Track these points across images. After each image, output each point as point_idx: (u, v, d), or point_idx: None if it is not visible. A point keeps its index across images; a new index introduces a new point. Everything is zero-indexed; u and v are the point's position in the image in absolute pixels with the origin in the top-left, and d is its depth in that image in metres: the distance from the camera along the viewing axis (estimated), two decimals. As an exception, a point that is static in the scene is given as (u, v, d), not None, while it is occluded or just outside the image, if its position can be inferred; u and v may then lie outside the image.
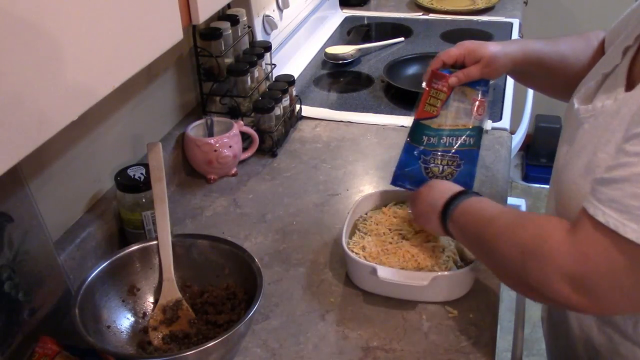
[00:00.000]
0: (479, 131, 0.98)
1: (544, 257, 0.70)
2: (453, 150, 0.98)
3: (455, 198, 0.88)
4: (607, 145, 0.73)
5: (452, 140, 0.98)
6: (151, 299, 0.93)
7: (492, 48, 0.99)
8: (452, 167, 0.98)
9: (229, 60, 1.34)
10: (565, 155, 0.83)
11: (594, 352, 0.86)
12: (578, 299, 0.69)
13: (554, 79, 1.04)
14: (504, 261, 0.76)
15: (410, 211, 1.00)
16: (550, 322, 1.01)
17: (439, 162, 0.99)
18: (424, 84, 1.02)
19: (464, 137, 0.98)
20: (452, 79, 0.98)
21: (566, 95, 1.03)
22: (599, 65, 0.88)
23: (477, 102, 0.98)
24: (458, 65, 1.01)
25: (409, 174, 1.01)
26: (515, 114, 1.54)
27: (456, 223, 0.87)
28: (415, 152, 1.00)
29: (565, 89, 1.01)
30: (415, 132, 1.01)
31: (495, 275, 0.87)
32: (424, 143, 1.00)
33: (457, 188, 0.91)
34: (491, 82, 1.02)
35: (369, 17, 2.11)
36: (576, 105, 0.84)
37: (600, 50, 1.00)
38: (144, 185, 1.01)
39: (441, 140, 0.99)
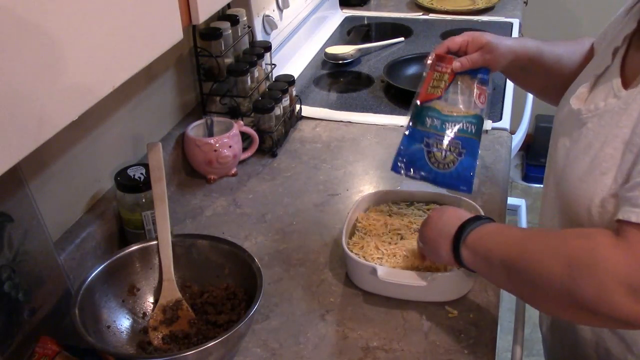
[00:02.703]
0: (479, 120, 0.97)
1: (596, 267, 0.66)
2: (455, 136, 0.96)
3: (469, 223, 0.83)
4: (614, 141, 0.74)
5: (455, 125, 0.96)
6: (151, 299, 0.93)
7: (493, 37, 1.00)
8: (454, 154, 0.96)
9: (229, 60, 1.34)
10: (567, 156, 0.82)
11: (606, 354, 0.85)
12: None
13: (549, 78, 1.05)
14: (546, 281, 0.71)
15: (418, 239, 0.94)
16: (554, 326, 1.00)
17: (442, 147, 0.96)
18: (425, 72, 1.02)
19: (465, 122, 0.96)
20: (456, 64, 0.98)
21: (556, 97, 1.03)
22: (590, 67, 0.91)
23: (478, 91, 0.98)
24: (461, 53, 1.01)
25: (411, 158, 0.97)
26: (515, 114, 1.55)
27: (472, 249, 0.81)
28: (418, 135, 0.97)
29: (557, 90, 1.01)
30: (418, 115, 0.98)
31: (532, 301, 0.78)
32: (428, 125, 0.97)
33: (469, 214, 0.87)
34: (491, 72, 1.02)
35: (369, 17, 2.11)
36: (575, 106, 0.85)
37: (590, 53, 1.01)
38: (144, 185, 1.01)
39: (444, 125, 0.96)
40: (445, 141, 0.95)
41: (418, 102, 1.00)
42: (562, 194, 0.82)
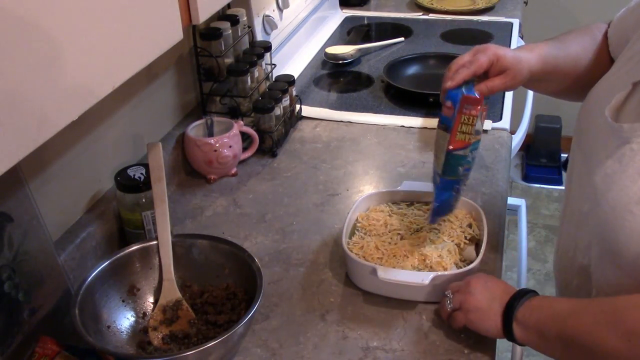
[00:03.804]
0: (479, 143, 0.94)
1: None
2: (470, 166, 0.93)
3: (516, 298, 0.81)
4: None
5: (472, 156, 0.92)
6: (151, 299, 0.93)
7: (514, 58, 0.93)
8: (466, 182, 0.97)
9: (229, 60, 1.34)
10: (608, 179, 0.77)
11: None
12: None
13: (567, 82, 1.00)
14: (605, 356, 0.70)
15: (449, 299, 0.89)
16: None
17: (464, 183, 0.96)
18: (446, 102, 0.90)
19: (476, 150, 0.92)
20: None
21: (575, 94, 0.99)
22: (626, 71, 0.83)
23: (483, 112, 0.92)
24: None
25: (443, 206, 0.97)
26: (515, 114, 1.54)
27: (524, 324, 0.79)
28: (449, 185, 0.93)
29: (576, 89, 0.98)
30: (450, 165, 0.91)
31: None
32: (460, 174, 0.92)
33: (512, 287, 0.85)
34: None
35: (369, 17, 2.11)
36: (611, 118, 0.79)
37: (604, 43, 0.97)
38: (144, 185, 1.01)
39: (469, 162, 0.93)
40: (466, 176, 0.95)
41: (449, 149, 0.90)
42: (604, 222, 0.76)
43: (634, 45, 0.85)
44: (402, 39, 1.90)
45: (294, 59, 1.72)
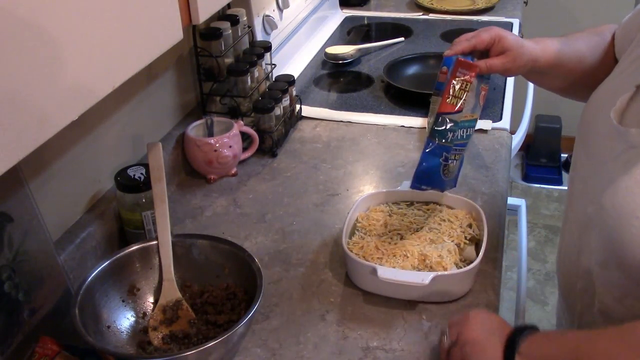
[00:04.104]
0: (476, 122, 0.95)
1: None
2: (464, 142, 0.93)
3: (519, 330, 0.76)
4: None
5: (464, 132, 0.92)
6: (151, 299, 0.93)
7: (516, 41, 0.93)
8: (457, 160, 0.95)
9: (229, 60, 1.34)
10: (613, 185, 0.75)
11: None
12: None
13: (571, 79, 1.00)
14: None
15: (446, 335, 0.83)
16: None
17: (454, 157, 0.93)
18: (444, 71, 0.91)
19: (469, 128, 0.93)
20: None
21: (579, 93, 0.98)
22: (629, 73, 0.82)
23: (483, 92, 0.93)
24: (477, 51, 0.94)
25: (428, 173, 0.93)
26: (515, 114, 1.54)
27: (530, 356, 0.73)
28: (438, 151, 0.91)
29: (580, 87, 0.97)
30: (440, 128, 0.90)
31: None
32: (449, 140, 0.91)
33: (510, 325, 0.80)
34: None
35: (369, 17, 2.11)
36: (616, 121, 0.77)
37: (611, 44, 0.97)
38: (144, 185, 1.01)
39: (459, 134, 0.91)
40: (457, 150, 0.93)
41: (439, 110, 0.90)
42: (609, 226, 0.75)
43: (636, 49, 0.85)
44: (402, 39, 1.90)
45: (294, 59, 1.72)
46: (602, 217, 0.78)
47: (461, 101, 0.89)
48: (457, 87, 0.88)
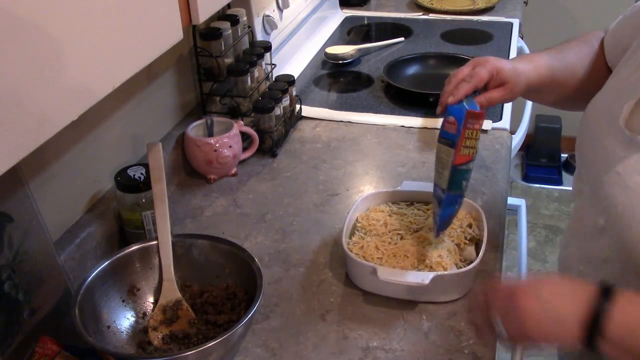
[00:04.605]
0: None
1: None
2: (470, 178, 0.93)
3: (599, 304, 0.63)
4: None
5: (472, 166, 0.92)
6: (151, 299, 0.93)
7: (513, 71, 0.93)
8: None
9: (229, 60, 1.34)
10: (623, 192, 0.73)
11: None
12: None
13: (565, 92, 1.00)
14: None
15: (499, 326, 0.70)
16: None
17: (465, 189, 0.94)
18: (448, 117, 0.89)
19: (475, 159, 0.92)
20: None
21: (572, 104, 0.99)
22: (632, 82, 0.81)
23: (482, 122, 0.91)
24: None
25: (446, 220, 0.96)
26: (515, 114, 1.54)
27: (619, 346, 0.62)
28: (452, 199, 0.92)
29: (573, 99, 0.98)
30: (455, 181, 0.90)
31: None
32: (463, 187, 0.92)
33: (584, 286, 0.65)
34: None
35: (369, 17, 2.11)
36: (627, 129, 0.76)
37: (600, 52, 0.98)
38: (144, 185, 1.01)
39: (470, 176, 0.92)
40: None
41: (455, 164, 0.88)
42: (627, 237, 0.72)
43: (635, 54, 0.84)
44: (402, 39, 1.90)
45: (294, 59, 1.72)
46: (617, 228, 0.75)
47: (474, 150, 0.88)
48: (469, 137, 0.87)
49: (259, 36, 1.48)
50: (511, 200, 2.21)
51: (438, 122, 1.41)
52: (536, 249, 2.62)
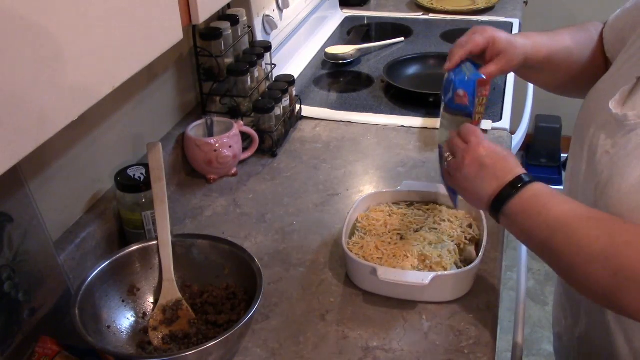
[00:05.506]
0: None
1: None
2: None
3: (506, 190, 0.77)
4: None
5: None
6: (151, 299, 0.93)
7: (509, 42, 0.95)
8: None
9: (229, 60, 1.34)
10: (613, 164, 0.77)
11: None
12: None
13: (559, 74, 1.02)
14: (588, 281, 0.70)
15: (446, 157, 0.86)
16: (582, 339, 0.96)
17: None
18: (458, 91, 0.93)
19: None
20: None
21: (568, 89, 1.01)
22: (628, 67, 0.84)
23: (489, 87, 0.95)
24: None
25: None
26: (515, 114, 1.54)
27: (512, 221, 0.78)
28: None
29: (569, 84, 0.99)
30: None
31: (566, 281, 0.78)
32: None
33: (511, 171, 0.79)
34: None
35: (369, 17, 2.11)
36: (616, 110, 0.79)
37: (600, 43, 0.98)
38: (144, 185, 1.01)
39: None
40: None
41: None
42: (611, 205, 0.76)
43: (634, 45, 0.86)
44: (402, 39, 1.90)
45: (294, 59, 1.72)
46: (604, 202, 0.78)
47: (482, 115, 0.92)
48: (480, 104, 0.92)
49: (259, 36, 1.48)
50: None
51: (438, 122, 1.41)
52: (536, 249, 2.62)
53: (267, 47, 1.41)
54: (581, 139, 0.88)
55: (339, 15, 2.10)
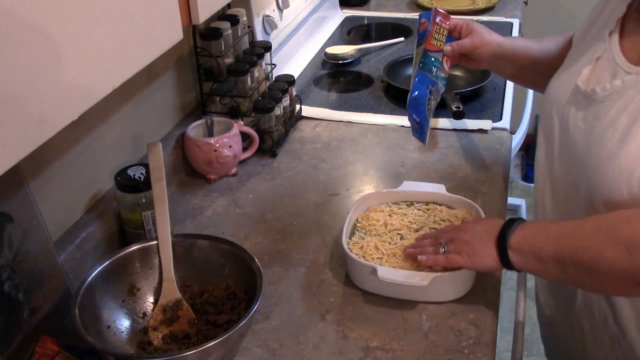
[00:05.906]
0: (446, 82, 1.14)
1: None
2: (438, 91, 1.10)
3: (507, 226, 0.86)
4: None
5: (441, 75, 1.11)
6: (151, 299, 0.93)
7: (482, 27, 1.14)
8: (435, 100, 1.09)
9: (229, 60, 1.34)
10: (588, 137, 0.82)
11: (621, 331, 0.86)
12: None
13: (536, 69, 1.10)
14: (606, 270, 0.74)
15: (442, 245, 0.92)
16: (571, 309, 0.98)
17: (434, 98, 1.08)
18: (421, 20, 1.15)
19: (443, 83, 1.12)
20: (447, 48, 1.12)
21: (529, 79, 1.15)
22: (583, 50, 0.91)
23: (448, 61, 1.14)
24: (455, 34, 1.15)
25: (418, 101, 1.05)
26: (515, 114, 1.54)
27: (519, 251, 0.84)
28: (426, 81, 1.07)
29: (531, 72, 1.10)
30: (426, 62, 1.09)
31: (592, 288, 0.85)
32: (433, 74, 1.08)
33: (501, 220, 0.90)
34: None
35: (369, 17, 2.11)
36: (584, 87, 0.85)
37: (569, 43, 1.03)
38: (144, 185, 1.01)
39: (439, 73, 1.10)
40: (437, 93, 1.09)
41: (426, 48, 1.10)
42: (588, 178, 0.81)
43: (589, 32, 0.93)
44: (402, 39, 1.90)
45: (294, 59, 1.72)
46: (585, 176, 0.83)
47: (441, 43, 1.11)
48: (438, 31, 1.11)
49: (259, 36, 1.48)
50: (511, 200, 2.21)
51: (438, 123, 1.41)
52: (536, 249, 2.62)
53: (267, 47, 1.41)
54: (550, 117, 0.94)
55: (339, 15, 2.10)
